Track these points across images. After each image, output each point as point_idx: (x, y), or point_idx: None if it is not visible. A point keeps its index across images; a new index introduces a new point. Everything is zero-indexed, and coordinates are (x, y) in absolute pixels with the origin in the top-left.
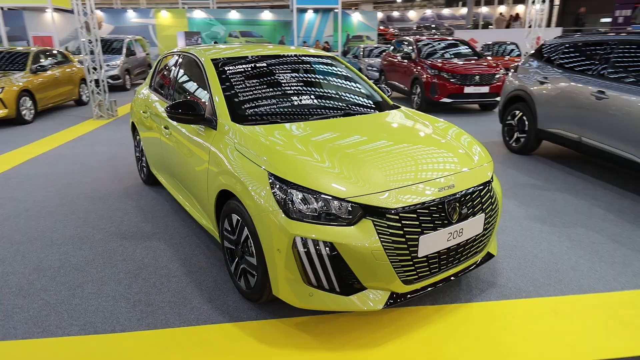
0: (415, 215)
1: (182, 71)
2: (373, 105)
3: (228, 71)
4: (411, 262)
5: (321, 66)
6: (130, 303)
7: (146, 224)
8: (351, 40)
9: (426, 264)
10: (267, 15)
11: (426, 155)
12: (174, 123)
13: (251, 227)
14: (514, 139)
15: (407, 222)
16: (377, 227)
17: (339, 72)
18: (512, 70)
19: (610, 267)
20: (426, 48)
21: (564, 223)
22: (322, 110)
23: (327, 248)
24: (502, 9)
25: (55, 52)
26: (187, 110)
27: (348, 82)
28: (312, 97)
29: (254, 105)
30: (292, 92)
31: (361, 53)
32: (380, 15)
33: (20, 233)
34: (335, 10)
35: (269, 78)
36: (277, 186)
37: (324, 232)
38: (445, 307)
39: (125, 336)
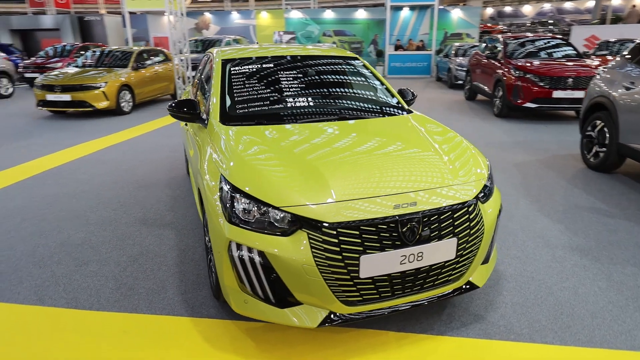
0: (357, 232)
1: (205, 70)
2: (378, 110)
3: (234, 72)
4: (352, 283)
5: (335, 67)
6: (117, 285)
7: (169, 212)
8: (449, 38)
9: (373, 286)
10: (361, 14)
11: (399, 167)
12: None
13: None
14: (592, 153)
15: (346, 239)
16: (311, 241)
17: (353, 74)
18: (602, 72)
19: None
20: (516, 47)
21: (612, 259)
22: (315, 115)
23: (259, 257)
24: (638, 0)
25: (156, 51)
26: (185, 109)
27: (360, 85)
28: (311, 99)
29: (247, 106)
30: (291, 94)
31: (452, 52)
32: (490, 11)
33: (67, 211)
34: (440, 7)
35: (272, 79)
36: (225, 189)
37: (257, 240)
38: (410, 336)
39: (95, 314)
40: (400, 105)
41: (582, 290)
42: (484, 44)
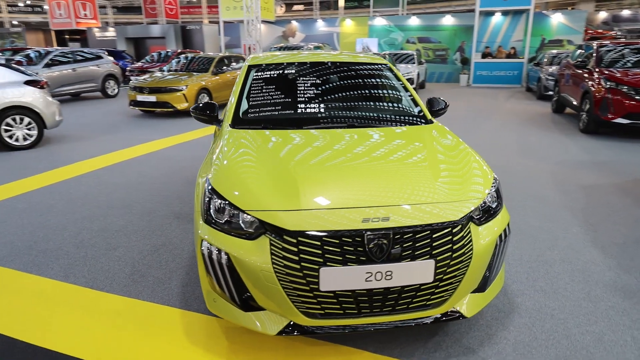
0: (318, 243)
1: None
2: (392, 119)
3: (255, 77)
4: (312, 295)
5: (359, 75)
6: (132, 271)
7: None
8: (547, 44)
9: (335, 301)
10: (448, 20)
11: (381, 179)
12: None
13: None
14: None
15: (306, 249)
16: (272, 247)
17: (377, 82)
18: None
19: None
20: (613, 55)
21: None
22: (323, 122)
23: (225, 257)
24: None
25: (237, 58)
26: (207, 111)
27: (382, 93)
28: (323, 106)
29: (259, 110)
30: (304, 100)
31: (545, 60)
32: (603, 15)
33: (119, 200)
34: (542, 12)
35: (289, 85)
36: (206, 190)
37: (224, 241)
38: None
39: (102, 295)
40: (422, 114)
41: (609, 337)
42: (577, 51)
